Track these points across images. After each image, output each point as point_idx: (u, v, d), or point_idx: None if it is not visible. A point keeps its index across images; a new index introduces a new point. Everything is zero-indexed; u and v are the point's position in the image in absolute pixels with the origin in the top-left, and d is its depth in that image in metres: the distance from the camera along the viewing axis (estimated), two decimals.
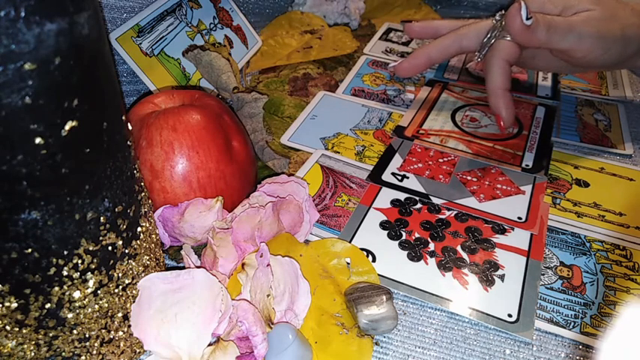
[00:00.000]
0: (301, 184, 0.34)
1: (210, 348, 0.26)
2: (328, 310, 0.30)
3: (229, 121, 0.35)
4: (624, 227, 0.37)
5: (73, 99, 0.20)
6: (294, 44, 0.57)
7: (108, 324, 0.25)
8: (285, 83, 0.51)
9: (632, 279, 0.33)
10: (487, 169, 0.41)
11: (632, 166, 0.43)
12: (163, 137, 0.32)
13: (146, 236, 0.27)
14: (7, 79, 0.18)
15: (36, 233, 0.21)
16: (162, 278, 0.26)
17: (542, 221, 0.37)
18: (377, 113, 0.48)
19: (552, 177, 0.41)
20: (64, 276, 0.23)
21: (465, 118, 0.47)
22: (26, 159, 0.19)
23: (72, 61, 0.19)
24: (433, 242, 0.35)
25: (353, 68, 0.54)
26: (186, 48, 0.47)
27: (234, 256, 0.30)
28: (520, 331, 0.30)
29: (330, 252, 0.33)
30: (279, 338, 0.27)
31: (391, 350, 0.30)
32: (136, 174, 0.26)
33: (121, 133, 0.24)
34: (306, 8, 0.62)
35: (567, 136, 0.46)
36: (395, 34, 0.61)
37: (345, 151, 0.43)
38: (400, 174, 0.41)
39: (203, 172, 0.33)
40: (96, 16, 0.21)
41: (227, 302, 0.27)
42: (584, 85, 0.53)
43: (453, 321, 0.31)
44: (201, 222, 0.32)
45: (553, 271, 0.34)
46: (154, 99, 0.36)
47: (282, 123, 0.46)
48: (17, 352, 0.23)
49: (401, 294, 0.32)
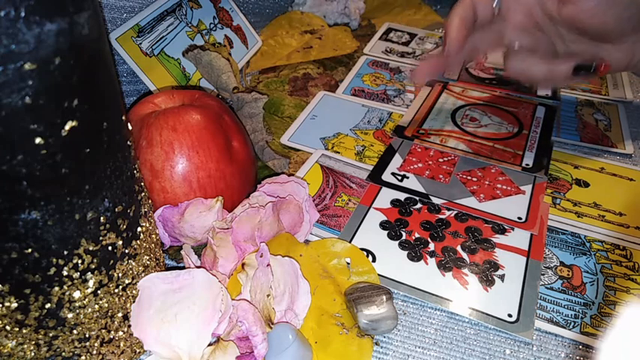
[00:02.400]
0: (301, 184, 0.34)
1: (210, 348, 0.26)
2: (328, 310, 0.30)
3: (229, 121, 0.35)
4: (624, 227, 0.37)
5: (73, 99, 0.20)
6: (294, 44, 0.57)
7: (108, 324, 0.25)
8: (285, 83, 0.51)
9: (632, 279, 0.33)
10: (487, 168, 0.41)
11: (632, 166, 0.43)
12: (163, 137, 0.32)
13: (146, 236, 0.27)
14: (7, 79, 0.18)
15: (36, 233, 0.21)
16: (162, 278, 0.26)
17: (542, 221, 0.37)
18: (377, 113, 0.48)
19: (552, 177, 0.41)
20: (64, 276, 0.23)
21: (465, 117, 0.47)
22: (26, 159, 0.19)
23: (72, 61, 0.19)
24: (433, 242, 0.35)
25: (353, 68, 0.54)
26: (186, 48, 0.47)
27: (234, 256, 0.30)
28: (520, 331, 0.30)
29: (330, 252, 0.33)
30: (279, 338, 0.27)
31: (391, 350, 0.30)
32: (136, 174, 0.26)
33: (121, 133, 0.24)
34: (306, 8, 0.62)
35: (567, 135, 0.46)
36: (395, 34, 0.61)
37: (345, 151, 0.43)
38: (400, 174, 0.41)
39: (203, 172, 0.33)
40: (96, 16, 0.21)
41: (227, 302, 0.27)
42: (584, 85, 0.53)
43: (453, 321, 0.31)
44: (201, 222, 0.32)
45: (553, 271, 0.34)
46: (154, 99, 0.36)
47: (282, 123, 0.46)
48: (17, 352, 0.23)
49: (401, 294, 0.32)
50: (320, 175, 0.40)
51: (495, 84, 0.52)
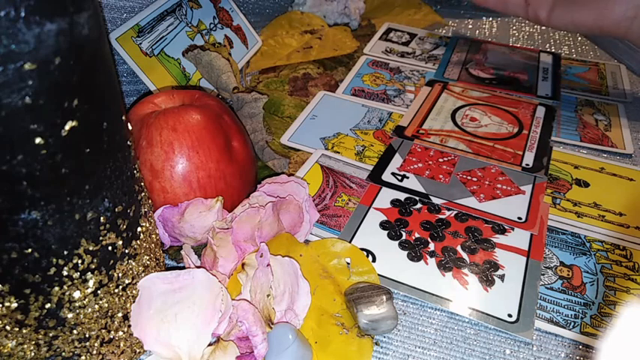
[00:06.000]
0: (301, 184, 0.34)
1: (210, 348, 0.26)
2: (328, 310, 0.30)
3: (229, 121, 0.35)
4: (624, 227, 0.37)
5: (73, 99, 0.20)
6: (294, 44, 0.57)
7: (108, 324, 0.25)
8: (285, 83, 0.51)
9: (632, 279, 0.33)
10: (487, 168, 0.41)
11: (632, 166, 0.43)
12: (163, 137, 0.32)
13: (146, 236, 0.27)
14: (7, 79, 0.18)
15: (36, 233, 0.21)
16: (162, 278, 0.26)
17: (542, 221, 0.37)
18: (377, 113, 0.48)
19: (552, 177, 0.41)
20: (64, 276, 0.23)
21: (465, 117, 0.47)
22: (26, 159, 0.19)
23: (72, 61, 0.19)
24: (433, 242, 0.35)
25: (353, 68, 0.54)
26: (186, 48, 0.47)
27: (234, 256, 0.30)
28: (520, 331, 0.30)
29: (330, 252, 0.33)
30: (279, 338, 0.27)
31: (391, 350, 0.30)
32: (136, 174, 0.26)
33: (121, 133, 0.24)
34: (306, 8, 0.62)
35: (567, 135, 0.46)
36: (395, 34, 0.61)
37: (345, 151, 0.43)
38: (400, 174, 0.41)
39: (203, 172, 0.33)
40: (96, 16, 0.21)
41: (227, 302, 0.27)
42: (584, 85, 0.53)
43: (453, 321, 0.31)
44: (201, 222, 0.32)
45: (553, 271, 0.34)
46: (154, 99, 0.36)
47: (282, 123, 0.46)
48: (17, 352, 0.23)
49: (401, 294, 0.32)
50: (320, 175, 0.40)
51: (495, 84, 0.52)
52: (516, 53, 0.58)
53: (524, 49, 0.60)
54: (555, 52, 0.59)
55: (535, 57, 0.58)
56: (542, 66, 0.56)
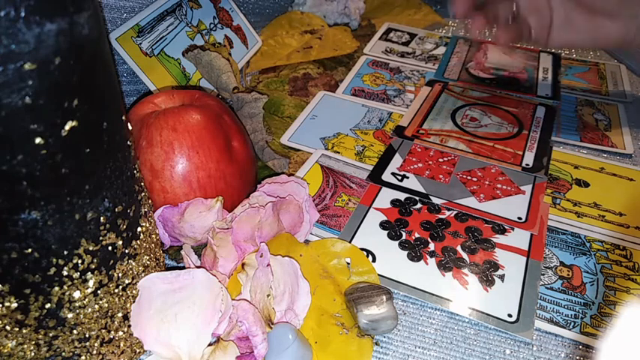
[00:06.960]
0: (301, 184, 0.34)
1: (210, 348, 0.26)
2: (328, 310, 0.30)
3: (229, 121, 0.35)
4: (624, 227, 0.37)
5: (73, 99, 0.20)
6: (294, 44, 0.57)
7: (108, 324, 0.25)
8: (285, 83, 0.51)
9: (632, 279, 0.33)
10: (487, 168, 0.41)
11: (632, 166, 0.43)
12: (163, 137, 0.32)
13: (146, 236, 0.27)
14: (7, 79, 0.18)
15: (36, 233, 0.21)
16: (162, 278, 0.26)
17: (542, 221, 0.37)
18: (377, 113, 0.48)
19: (552, 177, 0.41)
20: (64, 276, 0.23)
21: (465, 117, 0.47)
22: (26, 159, 0.19)
23: (72, 61, 0.19)
24: (433, 242, 0.35)
25: (353, 68, 0.54)
26: (186, 48, 0.47)
27: (234, 256, 0.30)
28: (520, 331, 0.30)
29: (330, 252, 0.33)
30: (279, 338, 0.27)
31: (391, 350, 0.30)
32: (136, 174, 0.26)
33: (121, 133, 0.24)
34: (306, 8, 0.62)
35: (567, 135, 0.46)
36: (395, 34, 0.61)
37: (345, 151, 0.43)
38: (400, 174, 0.41)
39: (203, 172, 0.33)
40: (96, 16, 0.21)
41: (227, 302, 0.27)
42: (584, 85, 0.53)
43: (453, 321, 0.31)
44: (201, 222, 0.32)
45: (553, 271, 0.34)
46: (154, 99, 0.36)
47: (282, 123, 0.46)
48: (17, 352, 0.23)
49: (401, 294, 0.32)
50: (320, 175, 0.40)
51: (495, 84, 0.52)
52: (516, 53, 0.58)
53: (524, 49, 0.60)
54: (555, 52, 0.59)
55: (535, 57, 0.58)
56: (542, 66, 0.56)
